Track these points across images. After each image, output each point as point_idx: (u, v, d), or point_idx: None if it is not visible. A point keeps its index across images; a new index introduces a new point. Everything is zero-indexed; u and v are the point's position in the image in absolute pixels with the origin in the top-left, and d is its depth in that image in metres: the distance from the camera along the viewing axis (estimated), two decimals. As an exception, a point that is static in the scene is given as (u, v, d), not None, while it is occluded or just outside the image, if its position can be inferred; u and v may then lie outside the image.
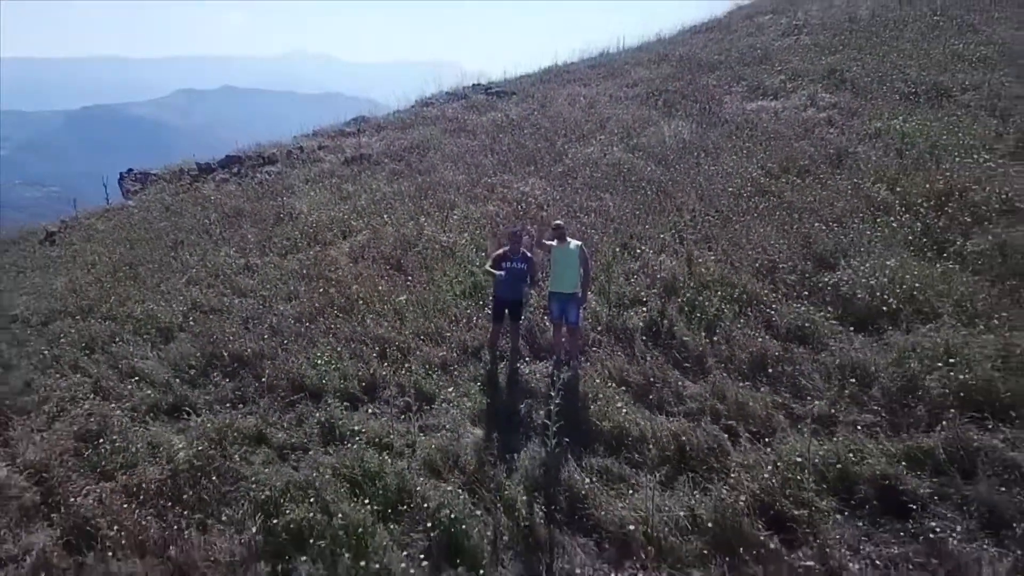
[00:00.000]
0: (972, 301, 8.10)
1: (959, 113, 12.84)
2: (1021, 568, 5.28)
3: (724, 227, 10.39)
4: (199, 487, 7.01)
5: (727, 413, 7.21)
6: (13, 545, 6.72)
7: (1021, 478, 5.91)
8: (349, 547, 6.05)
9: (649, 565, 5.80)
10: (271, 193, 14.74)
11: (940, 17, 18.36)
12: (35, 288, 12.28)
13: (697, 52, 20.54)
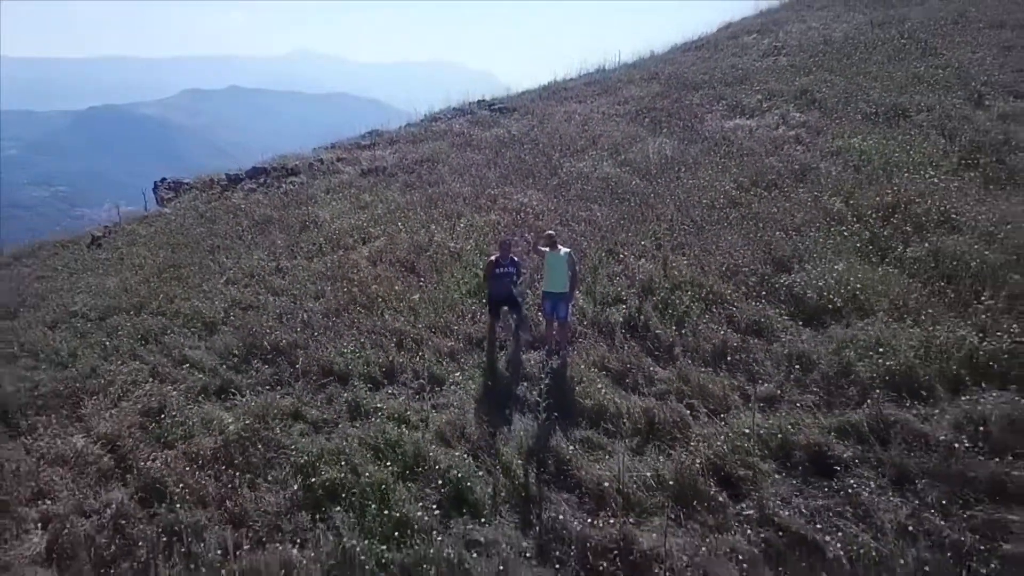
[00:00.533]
0: (905, 300, 9.14)
1: (913, 132, 13.84)
2: (917, 514, 6.35)
3: (697, 235, 11.43)
4: (247, 454, 8.10)
5: (690, 393, 8.28)
6: (95, 500, 7.83)
7: (926, 445, 6.97)
8: (375, 500, 7.15)
9: (619, 514, 6.89)
10: (296, 202, 15.82)
11: (907, 40, 19.32)
12: (89, 287, 13.38)
13: (685, 71, 21.53)
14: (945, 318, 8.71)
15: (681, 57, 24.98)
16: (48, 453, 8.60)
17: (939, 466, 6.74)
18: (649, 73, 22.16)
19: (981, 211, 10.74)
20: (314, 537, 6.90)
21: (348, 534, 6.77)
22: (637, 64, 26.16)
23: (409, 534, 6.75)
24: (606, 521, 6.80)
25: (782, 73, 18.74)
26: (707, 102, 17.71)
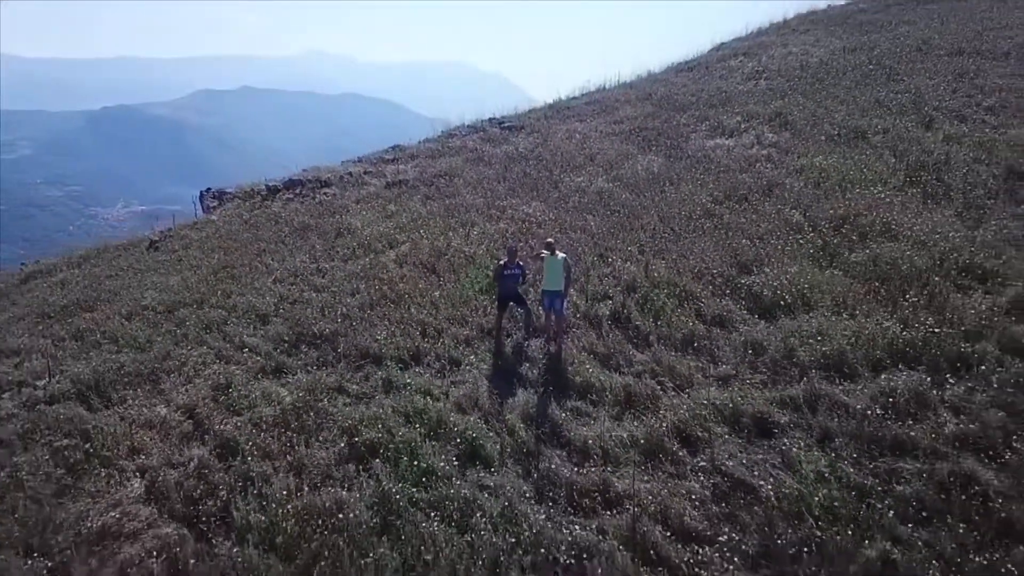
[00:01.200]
0: (844, 297, 10.50)
1: (868, 152, 15.16)
2: (833, 464, 7.75)
3: (675, 242, 12.80)
4: (301, 420, 9.55)
5: (661, 373, 9.67)
6: (180, 456, 9.30)
7: (847, 413, 8.37)
8: (406, 454, 8.59)
9: (600, 465, 8.32)
10: (330, 211, 17.27)
11: (874, 66, 20.59)
12: (155, 285, 14.87)
13: (676, 92, 22.87)
14: (875, 312, 10.08)
15: (675, 78, 26.31)
16: (138, 419, 10.08)
17: (855, 429, 8.14)
18: (644, 93, 23.51)
19: (917, 222, 12.09)
20: (359, 482, 8.35)
21: (386, 480, 8.22)
22: (635, 84, 27.48)
23: (434, 480, 8.20)
24: (590, 470, 8.23)
25: (761, 96, 20.07)
26: (693, 122, 19.05)
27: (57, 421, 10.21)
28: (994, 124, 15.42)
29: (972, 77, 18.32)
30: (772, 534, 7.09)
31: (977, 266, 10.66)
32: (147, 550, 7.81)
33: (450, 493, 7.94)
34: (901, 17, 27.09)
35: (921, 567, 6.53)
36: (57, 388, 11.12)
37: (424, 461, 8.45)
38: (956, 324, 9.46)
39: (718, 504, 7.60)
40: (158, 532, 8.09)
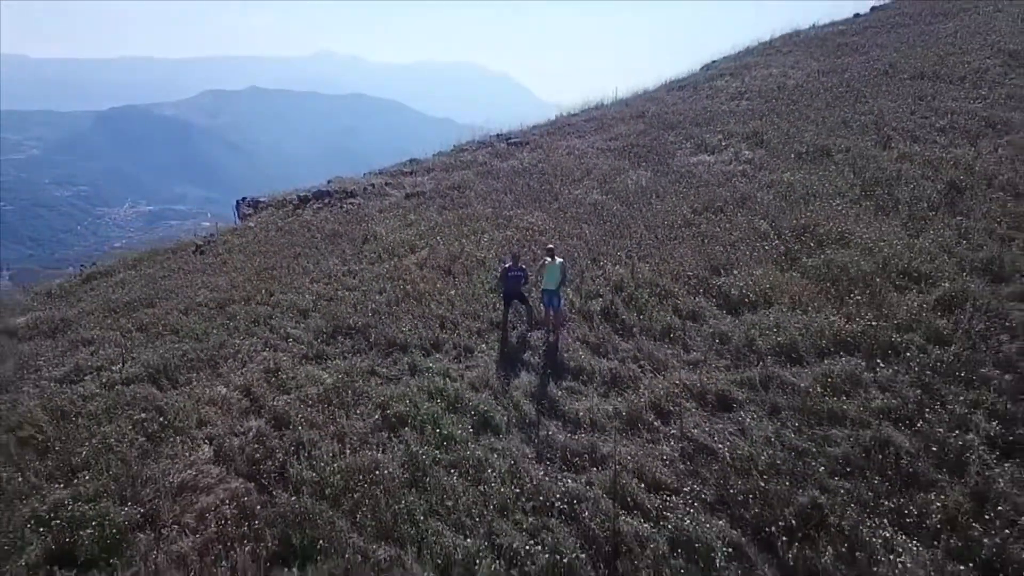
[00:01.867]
0: (800, 296, 11.84)
1: (831, 169, 16.45)
2: (779, 432, 9.10)
3: (658, 248, 14.13)
4: (341, 397, 10.95)
5: (642, 358, 11.04)
6: (240, 426, 10.72)
7: (794, 391, 9.72)
8: (430, 424, 9.98)
9: (588, 432, 9.69)
10: (356, 219, 18.65)
11: (844, 89, 21.85)
12: (205, 284, 16.28)
13: (666, 111, 24.18)
14: (825, 308, 11.41)
15: (667, 96, 27.60)
16: (202, 397, 11.49)
17: (799, 403, 9.50)
18: (638, 112, 24.81)
19: (867, 231, 13.40)
20: (391, 446, 9.74)
21: (413, 444, 9.60)
22: (630, 101, 28.76)
23: (452, 444, 9.59)
24: (580, 436, 9.59)
25: (741, 116, 21.36)
26: (679, 140, 20.35)
27: (134, 399, 11.64)
28: (943, 144, 16.71)
29: (929, 100, 19.59)
30: (726, 485, 8.45)
31: (914, 269, 11.98)
32: (220, 500, 9.23)
33: (466, 454, 9.33)
34: (874, 40, 28.32)
35: (842, 509, 7.89)
36: (130, 372, 12.55)
37: (444, 429, 9.84)
38: (891, 318, 10.79)
39: (684, 463, 8.96)
40: (228, 486, 9.50)
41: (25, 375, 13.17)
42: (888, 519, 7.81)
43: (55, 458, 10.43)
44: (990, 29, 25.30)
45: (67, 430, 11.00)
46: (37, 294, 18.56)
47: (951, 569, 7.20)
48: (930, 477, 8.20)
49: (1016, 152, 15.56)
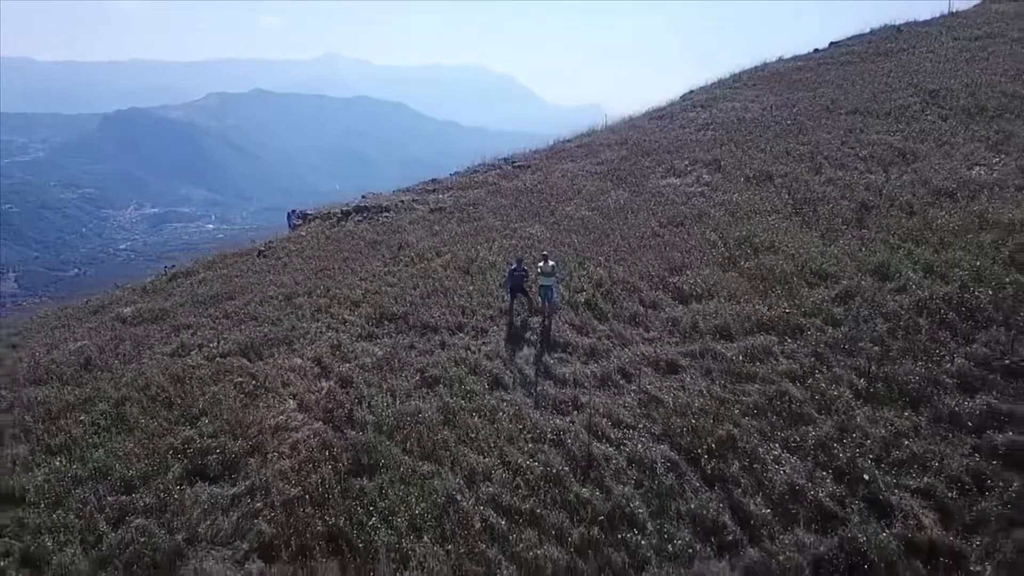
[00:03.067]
0: (735, 291, 14.37)
1: (771, 190, 18.94)
2: (709, 388, 11.66)
3: (630, 254, 16.63)
4: (390, 365, 13.52)
5: (613, 336, 13.59)
6: (316, 387, 13.30)
7: (725, 359, 12.26)
8: (457, 383, 12.56)
9: (572, 388, 12.26)
10: (391, 230, 21.17)
11: (791, 122, 24.31)
12: (272, 281, 18.87)
13: (645, 138, 26.63)
14: (752, 300, 13.93)
15: (647, 124, 30.04)
16: (284, 366, 14.07)
17: (726, 368, 12.04)
18: (621, 139, 27.29)
19: (792, 241, 15.89)
20: (429, 398, 12.33)
21: (445, 396, 12.20)
22: (616, 128, 31.16)
23: (474, 396, 12.17)
24: (566, 391, 12.15)
25: (706, 144, 23.82)
26: (653, 165, 22.81)
27: (231, 368, 14.24)
28: (862, 170, 19.18)
29: (858, 133, 22.02)
30: (668, 423, 11.01)
31: (823, 271, 14.47)
32: (305, 436, 11.82)
33: (483, 403, 11.91)
34: (824, 77, 30.71)
35: (749, 439, 10.44)
36: (225, 348, 15.16)
37: (467, 386, 12.42)
38: (800, 307, 13.33)
39: (640, 408, 11.52)
40: (310, 427, 12.09)
41: (142, 351, 15.80)
42: (779, 444, 10.38)
43: (178, 409, 13.06)
44: (917, 69, 27.68)
45: (183, 390, 13.62)
46: (133, 290, 21.19)
47: (817, 475, 9.77)
48: (811, 416, 10.76)
49: (917, 178, 18.05)
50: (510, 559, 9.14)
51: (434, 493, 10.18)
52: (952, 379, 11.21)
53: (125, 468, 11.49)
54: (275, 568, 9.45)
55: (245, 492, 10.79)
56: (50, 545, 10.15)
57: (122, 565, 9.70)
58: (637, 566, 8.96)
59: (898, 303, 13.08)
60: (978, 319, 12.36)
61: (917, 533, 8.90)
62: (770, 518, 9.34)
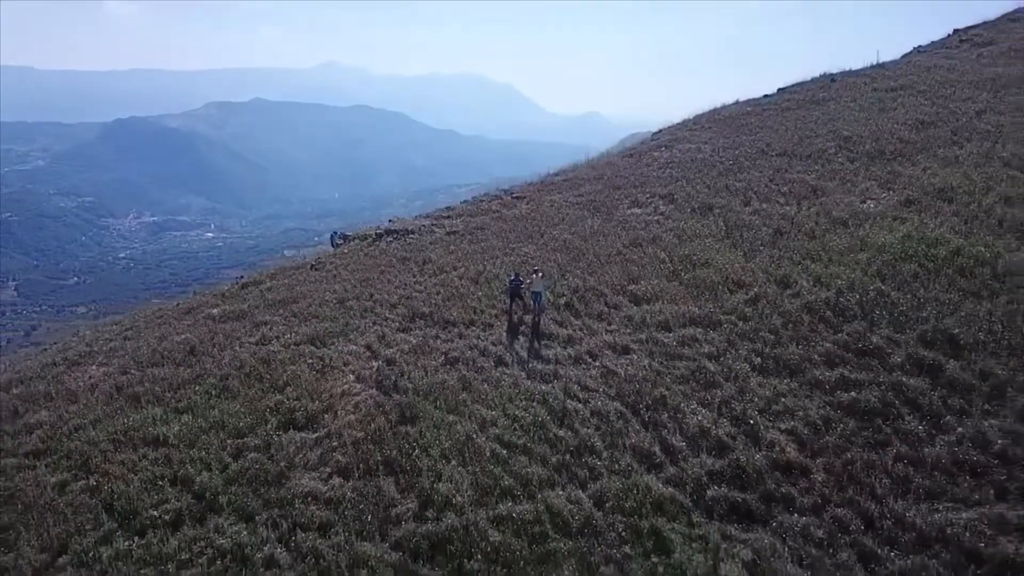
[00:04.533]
0: (676, 296, 17.60)
1: (711, 218, 22.21)
2: (651, 363, 14.89)
3: (600, 268, 19.84)
4: (422, 349, 16.71)
5: (584, 329, 16.80)
6: (368, 365, 16.46)
7: (663, 344, 15.48)
8: (471, 362, 15.76)
9: (553, 365, 15.47)
10: (416, 249, 24.39)
11: (732, 163, 27.62)
12: (325, 289, 22.03)
13: (618, 174, 29.93)
14: (687, 303, 17.14)
15: (620, 161, 33.31)
16: (342, 351, 17.24)
17: (664, 350, 15.26)
18: (598, 175, 30.58)
19: (721, 258, 19.12)
20: (451, 372, 15.53)
21: (463, 371, 15.40)
22: (596, 164, 34.47)
23: (483, 371, 15.37)
24: (549, 367, 15.34)
25: (664, 181, 27.10)
26: (622, 197, 26.07)
27: (303, 353, 17.42)
28: (781, 203, 22.47)
29: (783, 172, 25.32)
30: (620, 388, 14.21)
31: (741, 280, 17.71)
32: (364, 399, 14.98)
33: (490, 375, 15.10)
34: (765, 122, 34.05)
35: (675, 398, 13.64)
36: (296, 338, 18.33)
37: (479, 364, 15.62)
38: (722, 308, 16.55)
39: (601, 378, 14.72)
40: (367, 392, 15.24)
41: (232, 341, 18.96)
42: (696, 401, 13.58)
43: (267, 382, 16.22)
44: (838, 118, 31.03)
45: (269, 368, 16.78)
46: (213, 295, 24.36)
47: (719, 421, 12.96)
48: (719, 383, 13.97)
49: (821, 209, 21.33)
50: (509, 475, 12.31)
51: (457, 434, 13.35)
52: (821, 357, 14.42)
53: (236, 421, 14.66)
54: (350, 483, 12.61)
55: (324, 436, 13.94)
56: (192, 471, 13.30)
57: (246, 481, 12.85)
58: (594, 478, 12.14)
59: (792, 304, 16.31)
60: (846, 316, 15.60)
61: (780, 455, 12.10)
62: (685, 448, 12.54)
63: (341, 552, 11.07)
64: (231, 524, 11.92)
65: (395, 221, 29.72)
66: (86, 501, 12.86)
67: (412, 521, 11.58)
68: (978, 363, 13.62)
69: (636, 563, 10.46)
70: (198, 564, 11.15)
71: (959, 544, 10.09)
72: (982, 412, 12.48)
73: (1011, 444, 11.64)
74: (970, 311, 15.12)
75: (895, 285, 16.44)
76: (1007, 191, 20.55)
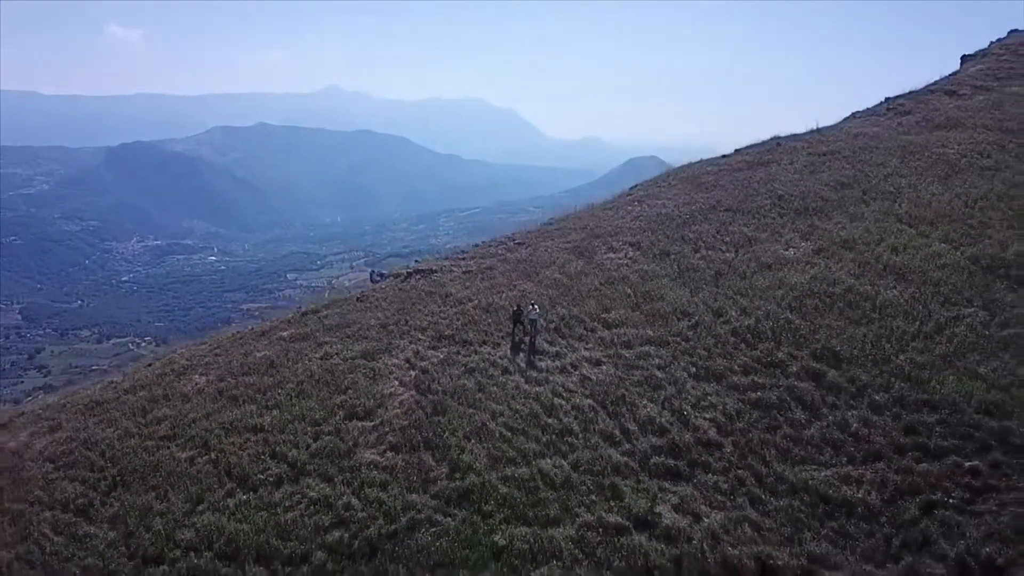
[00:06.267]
0: (637, 323, 21.18)
1: (666, 262, 25.89)
2: (619, 375, 18.46)
3: (582, 301, 23.46)
4: (447, 362, 20.26)
5: (568, 347, 20.39)
6: (407, 374, 20.01)
7: (624, 357, 19.06)
8: (484, 371, 19.33)
9: (544, 374, 19.02)
10: (439, 285, 28.05)
11: (688, 217, 31.49)
12: (371, 316, 25.69)
13: (597, 225, 33.73)
14: (645, 328, 20.73)
15: (601, 213, 37.04)
16: (388, 363, 20.78)
17: (626, 362, 18.81)
18: (582, 225, 34.46)
19: (672, 295, 22.74)
20: (469, 378, 19.06)
21: (479, 377, 18.95)
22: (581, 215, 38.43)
23: (493, 377, 18.92)
24: (543, 375, 18.89)
25: (633, 231, 30.86)
26: (600, 245, 29.82)
27: (358, 365, 20.97)
28: (721, 249, 26.23)
29: (728, 225, 29.12)
30: (593, 389, 17.74)
31: (687, 310, 21.30)
32: (406, 398, 18.49)
33: (498, 381, 18.65)
34: (719, 181, 37.96)
35: (631, 397, 17.17)
36: (352, 354, 21.90)
37: (489, 372, 19.19)
38: (671, 331, 20.14)
39: (579, 383, 18.26)
40: (409, 393, 18.77)
41: (301, 357, 22.51)
42: (646, 399, 17.09)
43: (332, 386, 19.76)
44: (776, 179, 34.94)
45: (334, 376, 20.33)
46: (281, 321, 28.02)
47: (662, 412, 16.48)
48: (664, 386, 17.48)
49: (753, 256, 25.06)
50: (512, 449, 15.76)
51: (475, 422, 16.85)
52: (739, 367, 17.97)
53: (313, 414, 18.17)
54: (399, 455, 16.07)
55: (378, 424, 17.44)
56: (284, 449, 16.78)
57: (325, 455, 16.33)
58: (572, 451, 15.59)
59: (722, 329, 19.91)
60: (761, 337, 19.19)
61: (703, 435, 15.57)
62: (637, 431, 16.02)
63: (396, 500, 14.49)
64: (317, 483, 15.37)
65: (421, 262, 33.48)
66: (211, 469, 16.33)
67: (444, 480, 15.02)
68: (850, 372, 17.14)
69: (599, 506, 13.86)
70: (297, 509, 14.57)
71: (816, 491, 13.51)
72: (847, 406, 15.98)
73: (862, 427, 15.12)
74: (851, 334, 18.70)
75: (800, 315, 20.07)
76: (895, 242, 24.33)
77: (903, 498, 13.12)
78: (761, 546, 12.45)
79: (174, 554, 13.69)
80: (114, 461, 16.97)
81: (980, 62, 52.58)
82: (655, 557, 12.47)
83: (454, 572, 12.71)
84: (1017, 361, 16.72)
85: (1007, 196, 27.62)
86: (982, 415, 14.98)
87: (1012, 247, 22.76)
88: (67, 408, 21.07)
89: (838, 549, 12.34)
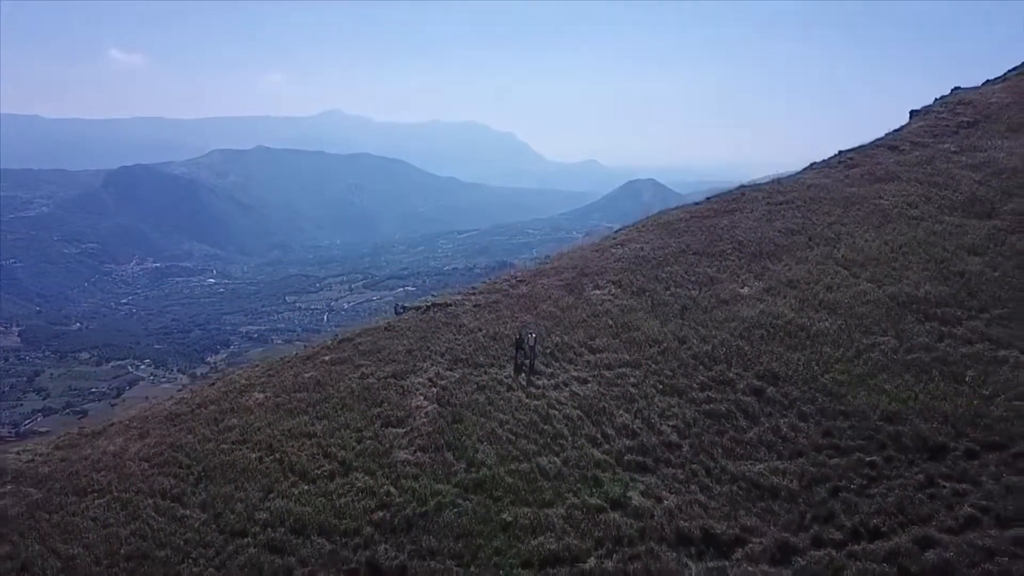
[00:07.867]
0: (616, 348, 24.09)
1: (644, 297, 28.95)
2: (602, 391, 21.30)
3: (572, 330, 26.44)
4: (462, 381, 23.10)
5: (561, 367, 23.23)
6: (430, 390, 22.84)
7: (607, 378, 21.93)
8: (493, 387, 22.16)
9: (542, 390, 21.85)
10: (452, 316, 31.03)
11: (661, 260, 34.69)
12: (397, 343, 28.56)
13: (585, 265, 36.91)
14: (623, 352, 23.63)
15: (589, 254, 40.24)
16: (414, 382, 23.58)
17: (607, 380, 21.68)
18: (574, 264, 37.62)
19: (647, 325, 25.70)
20: (480, 393, 21.88)
21: (488, 392, 21.77)
22: (572, 254, 41.68)
23: (500, 392, 21.74)
24: (540, 390, 21.71)
25: (616, 271, 33.96)
26: (588, 283, 32.92)
27: (390, 383, 23.78)
28: (689, 287, 29.31)
29: (694, 267, 32.23)
30: (580, 402, 20.56)
31: (656, 339, 24.23)
32: (430, 410, 21.28)
33: (504, 395, 21.47)
34: (690, 227, 41.20)
35: (611, 408, 19.98)
36: (384, 375, 24.73)
37: (497, 389, 22.01)
38: (643, 355, 23.03)
39: (569, 397, 21.07)
40: (432, 406, 21.58)
41: (341, 378, 25.36)
42: (623, 409, 19.89)
43: (369, 400, 22.55)
44: (736, 226, 38.23)
45: (370, 392, 23.14)
46: (320, 347, 30.91)
47: (635, 418, 19.28)
48: (637, 400, 20.30)
49: (714, 294, 28.11)
50: (516, 450, 18.50)
51: (486, 428, 19.61)
52: (697, 385, 20.81)
53: (355, 424, 20.90)
54: (427, 455, 18.79)
55: (409, 430, 20.19)
56: (335, 451, 19.50)
57: (367, 455, 19.05)
58: (563, 451, 18.32)
59: (685, 354, 22.82)
60: (716, 360, 22.07)
61: (666, 439, 18.31)
62: (614, 435, 18.77)
63: (426, 488, 17.18)
64: (362, 476, 18.07)
65: (436, 296, 36.60)
66: (276, 467, 19.04)
67: (463, 473, 17.73)
68: (785, 388, 20.00)
69: (584, 492, 16.55)
70: (348, 496, 17.26)
71: (751, 480, 16.22)
72: (780, 415, 18.79)
73: (790, 431, 17.90)
74: (788, 358, 21.61)
75: (748, 342, 23.01)
76: (830, 281, 27.45)
77: (817, 485, 15.80)
78: (706, 520, 15.09)
79: (255, 529, 16.30)
80: (197, 460, 19.67)
81: (923, 118, 55.76)
82: (625, 529, 15.09)
83: (472, 541, 15.30)
84: (915, 379, 19.59)
85: (926, 243, 30.87)
86: (883, 422, 17.77)
87: (924, 287, 25.84)
88: (150, 419, 23.84)
89: (764, 523, 14.98)
